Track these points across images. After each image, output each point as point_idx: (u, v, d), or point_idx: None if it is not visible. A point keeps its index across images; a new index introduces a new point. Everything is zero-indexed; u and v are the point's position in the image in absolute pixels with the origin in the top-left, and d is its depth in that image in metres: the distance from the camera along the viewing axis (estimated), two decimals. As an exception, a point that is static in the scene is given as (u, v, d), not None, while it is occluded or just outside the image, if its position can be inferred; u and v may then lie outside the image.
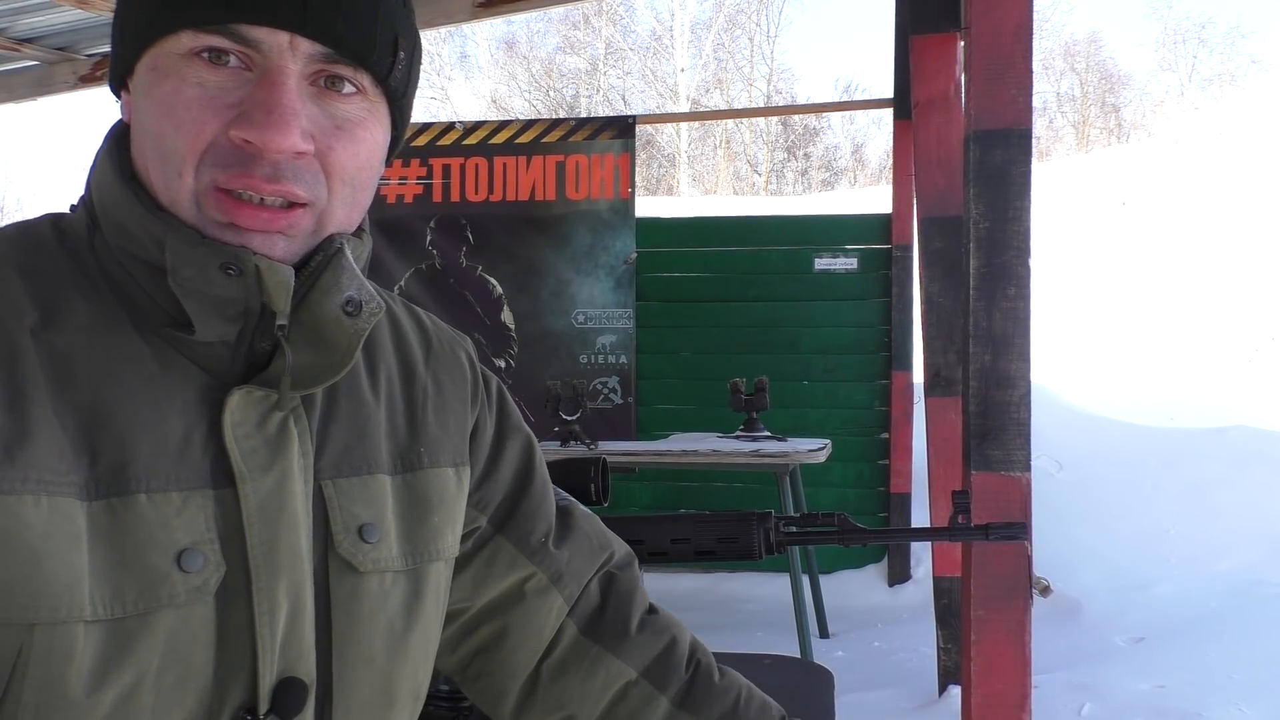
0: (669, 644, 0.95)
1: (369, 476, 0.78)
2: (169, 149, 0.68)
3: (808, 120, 25.83)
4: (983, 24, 2.24)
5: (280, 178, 0.68)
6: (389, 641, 0.78)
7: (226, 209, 0.68)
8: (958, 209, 3.42)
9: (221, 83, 0.68)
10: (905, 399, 5.04)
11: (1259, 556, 4.55)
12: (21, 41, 4.87)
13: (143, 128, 0.71)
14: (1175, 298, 11.04)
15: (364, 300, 0.73)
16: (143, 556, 0.66)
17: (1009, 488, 2.23)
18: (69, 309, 0.69)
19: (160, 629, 0.66)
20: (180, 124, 0.68)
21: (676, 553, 1.22)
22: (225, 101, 0.68)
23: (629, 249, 5.12)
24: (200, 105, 0.68)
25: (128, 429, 0.67)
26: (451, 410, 0.87)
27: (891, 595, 4.89)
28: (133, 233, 0.70)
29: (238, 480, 0.70)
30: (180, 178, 0.68)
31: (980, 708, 2.26)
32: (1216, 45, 28.12)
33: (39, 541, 0.63)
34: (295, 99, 0.68)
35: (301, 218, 0.71)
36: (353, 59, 0.71)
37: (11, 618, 0.62)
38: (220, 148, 0.68)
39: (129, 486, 0.66)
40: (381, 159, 0.77)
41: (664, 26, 24.98)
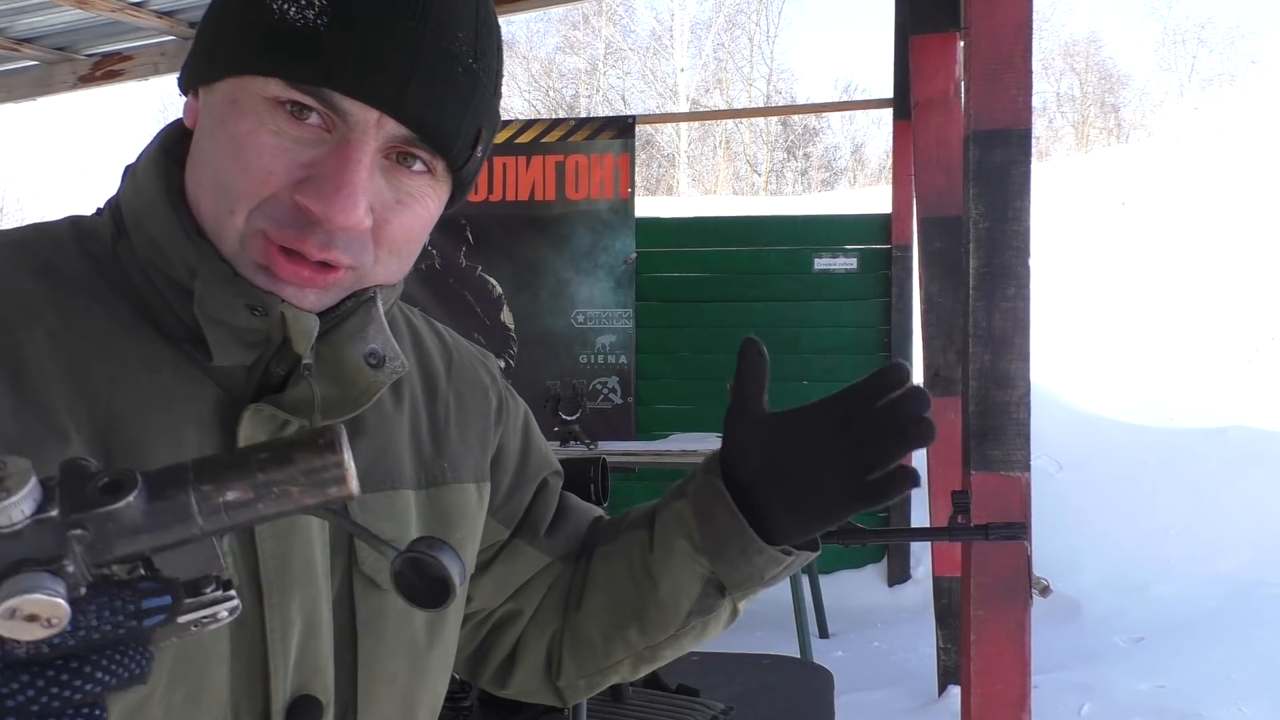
0: (576, 527, 0.95)
1: (393, 492, 0.78)
2: (229, 186, 0.66)
3: (807, 120, 25.84)
4: (982, 24, 2.24)
5: (332, 247, 0.67)
6: (411, 659, 0.78)
7: (269, 255, 0.67)
8: (957, 209, 3.41)
9: (299, 138, 0.66)
10: (905, 399, 5.03)
11: (1259, 556, 4.55)
12: (21, 41, 4.87)
13: (206, 154, 0.68)
14: (1175, 298, 11.04)
15: (388, 356, 0.72)
16: None
17: (1008, 488, 2.23)
18: (87, 313, 0.68)
19: (173, 648, 0.65)
20: (247, 168, 0.66)
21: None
22: (297, 159, 0.66)
23: (628, 249, 5.12)
24: (272, 155, 0.66)
25: (142, 437, 0.66)
26: (472, 425, 0.87)
27: (891, 595, 4.89)
28: (165, 251, 0.69)
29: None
30: (231, 215, 0.67)
31: (980, 708, 2.26)
32: (1216, 45, 28.14)
33: None
34: (367, 177, 0.66)
35: (341, 279, 0.69)
36: (435, 147, 0.69)
37: None
38: (280, 203, 0.66)
39: None
40: (430, 227, 0.75)
41: (664, 26, 25.01)
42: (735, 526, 0.79)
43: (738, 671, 1.61)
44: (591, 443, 4.01)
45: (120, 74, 5.10)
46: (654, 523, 0.87)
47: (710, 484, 0.81)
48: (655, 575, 0.85)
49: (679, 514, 0.83)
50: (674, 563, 0.83)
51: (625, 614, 0.88)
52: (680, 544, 0.83)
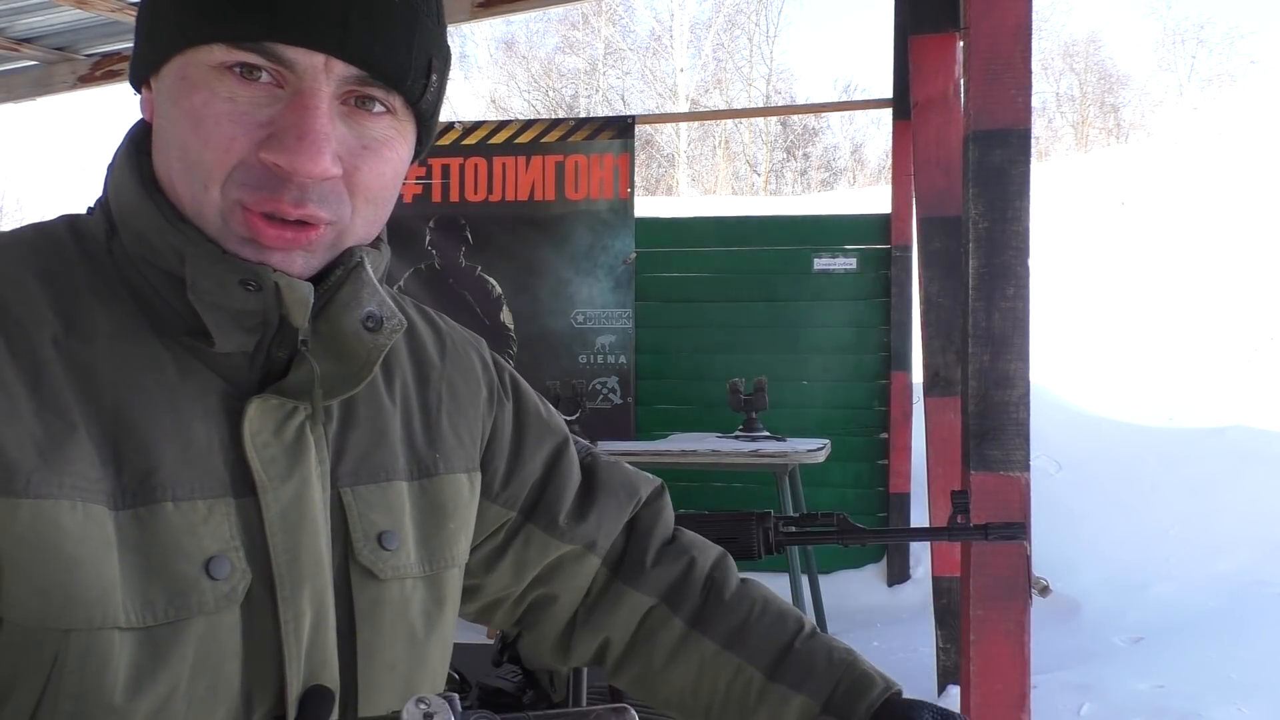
0: (685, 568, 0.97)
1: (387, 484, 0.78)
2: (195, 162, 0.67)
3: (807, 120, 25.84)
4: (982, 24, 2.24)
5: (306, 201, 0.67)
6: (410, 648, 0.79)
7: (252, 226, 0.67)
8: (957, 209, 3.41)
9: (253, 98, 0.67)
10: (904, 399, 5.04)
11: (1258, 556, 4.55)
12: (20, 41, 4.87)
13: (168, 136, 0.69)
14: (1174, 298, 11.05)
15: (385, 316, 0.73)
16: (171, 564, 0.66)
17: (1008, 487, 2.23)
18: (90, 317, 0.69)
19: (191, 637, 0.66)
20: (208, 139, 0.66)
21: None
22: (256, 119, 0.67)
23: (628, 249, 5.12)
24: (230, 121, 0.66)
25: (151, 436, 0.67)
26: (464, 415, 0.87)
27: (890, 595, 4.89)
28: (153, 243, 0.69)
29: (259, 489, 0.70)
30: (206, 191, 0.67)
31: (979, 707, 2.26)
32: (1215, 45, 28.16)
33: (74, 548, 0.62)
34: (327, 124, 0.67)
35: (323, 234, 0.70)
36: (387, 82, 0.69)
37: (47, 623, 0.62)
38: (248, 167, 0.67)
39: (155, 495, 0.66)
40: (403, 174, 0.77)
41: (663, 26, 25.01)
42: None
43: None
44: (591, 443, 4.01)
45: (120, 74, 5.10)
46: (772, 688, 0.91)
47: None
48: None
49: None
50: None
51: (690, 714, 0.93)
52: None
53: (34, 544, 0.62)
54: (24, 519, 0.61)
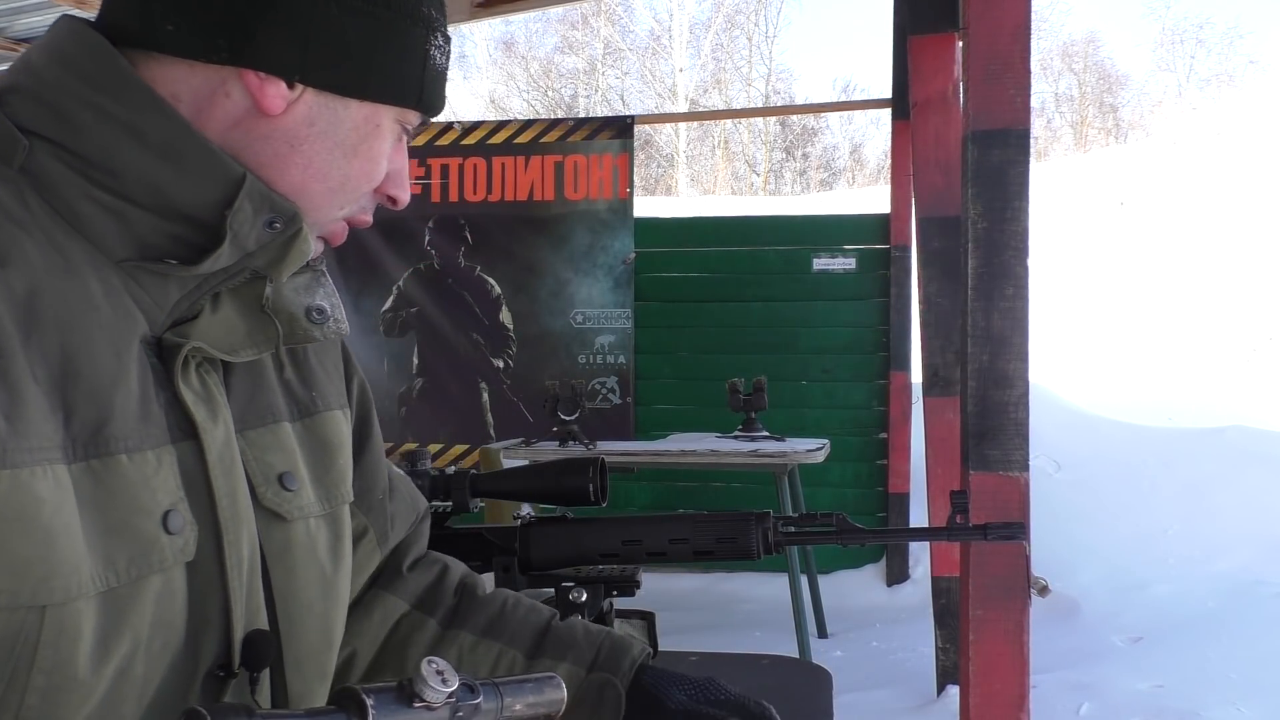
0: (439, 575, 0.98)
1: (275, 425, 0.79)
2: (353, 188, 0.77)
3: (806, 120, 25.83)
4: (981, 24, 2.24)
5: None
6: (323, 586, 0.79)
7: (337, 229, 0.79)
8: (956, 209, 3.41)
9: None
10: (903, 399, 5.04)
11: (1257, 556, 4.55)
12: (19, 41, 4.87)
13: (329, 158, 0.74)
14: (1174, 298, 11.05)
15: (334, 317, 0.79)
16: (132, 522, 0.64)
17: (1007, 487, 2.23)
18: (17, 247, 0.63)
19: (150, 595, 0.65)
20: (373, 180, 0.77)
21: (675, 553, 1.22)
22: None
23: (627, 249, 5.12)
24: (385, 166, 0.78)
25: (100, 383, 0.64)
26: (329, 354, 0.89)
27: (890, 595, 4.89)
28: (194, 168, 0.68)
29: (200, 431, 0.69)
30: (340, 209, 0.77)
31: (979, 707, 2.26)
32: (1214, 45, 28.11)
33: (51, 518, 0.59)
34: None
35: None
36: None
37: (22, 600, 0.59)
38: (369, 194, 0.79)
39: (110, 447, 0.63)
40: None
41: (662, 26, 25.00)
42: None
43: (736, 672, 1.60)
44: (590, 443, 4.00)
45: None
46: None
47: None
48: None
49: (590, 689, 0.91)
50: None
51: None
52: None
53: (12, 519, 0.58)
54: (2, 493, 0.57)
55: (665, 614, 1.59)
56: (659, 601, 0.97)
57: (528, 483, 1.26)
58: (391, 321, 5.35)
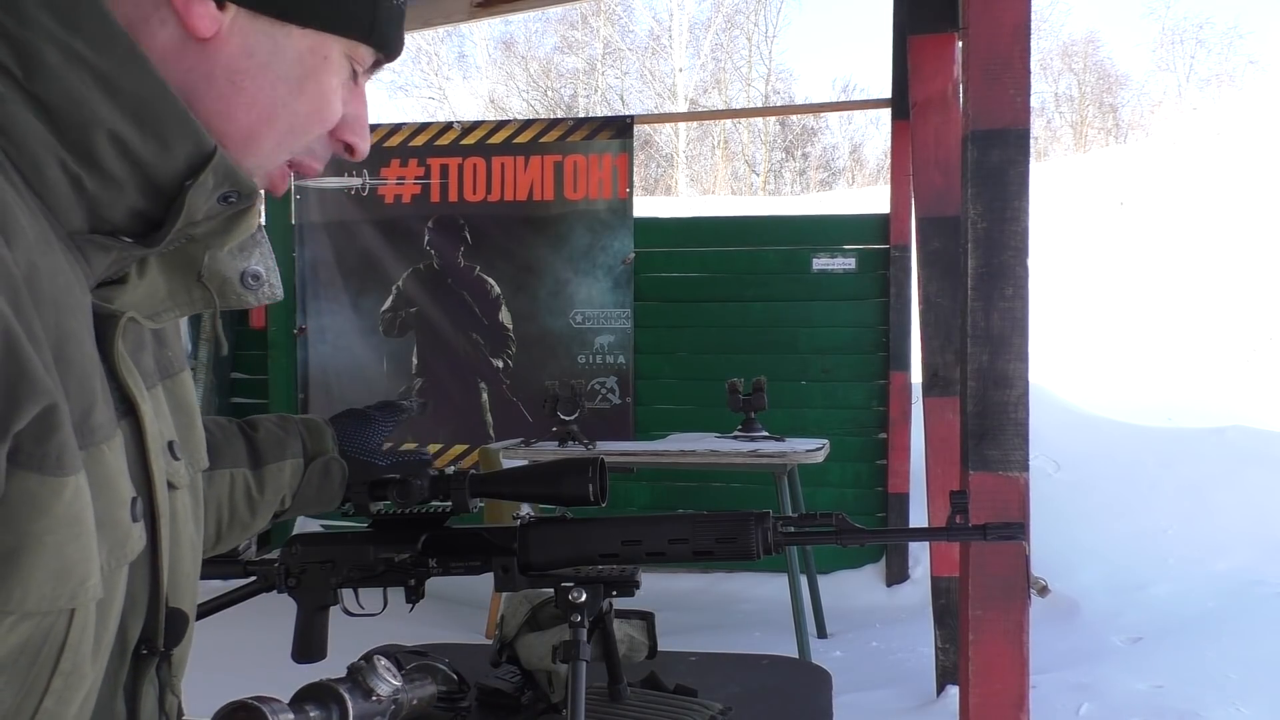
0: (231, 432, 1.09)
1: (181, 374, 0.77)
2: (299, 128, 0.72)
3: (806, 120, 25.83)
4: (981, 24, 2.24)
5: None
6: (194, 554, 0.77)
7: (277, 174, 0.74)
8: (956, 209, 3.41)
9: (346, 90, 0.75)
10: (903, 399, 5.04)
11: (1257, 556, 4.55)
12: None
13: (273, 92, 0.68)
14: (1173, 298, 11.05)
15: (269, 282, 0.76)
16: (114, 514, 0.62)
17: (1007, 487, 2.23)
18: (14, 219, 0.57)
19: (121, 585, 0.64)
20: (324, 120, 0.73)
21: (675, 553, 1.22)
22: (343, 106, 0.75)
23: (627, 249, 5.12)
24: (339, 105, 0.74)
25: (85, 368, 0.60)
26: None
27: (889, 595, 4.89)
28: (166, 133, 0.63)
29: (139, 407, 0.66)
30: (279, 147, 0.72)
31: (978, 708, 2.26)
32: (1214, 45, 28.12)
33: (92, 519, 0.58)
34: None
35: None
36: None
37: (60, 604, 0.57)
38: (320, 138, 0.75)
39: (95, 437, 0.60)
40: None
41: (662, 26, 24.99)
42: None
43: (736, 672, 1.60)
44: (590, 443, 4.00)
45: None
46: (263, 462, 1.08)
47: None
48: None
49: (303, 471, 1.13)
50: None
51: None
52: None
53: (67, 523, 0.56)
54: (66, 498, 0.56)
55: (665, 614, 1.59)
56: (658, 602, 0.97)
57: (527, 483, 1.26)
58: (391, 321, 5.34)
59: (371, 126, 4.11)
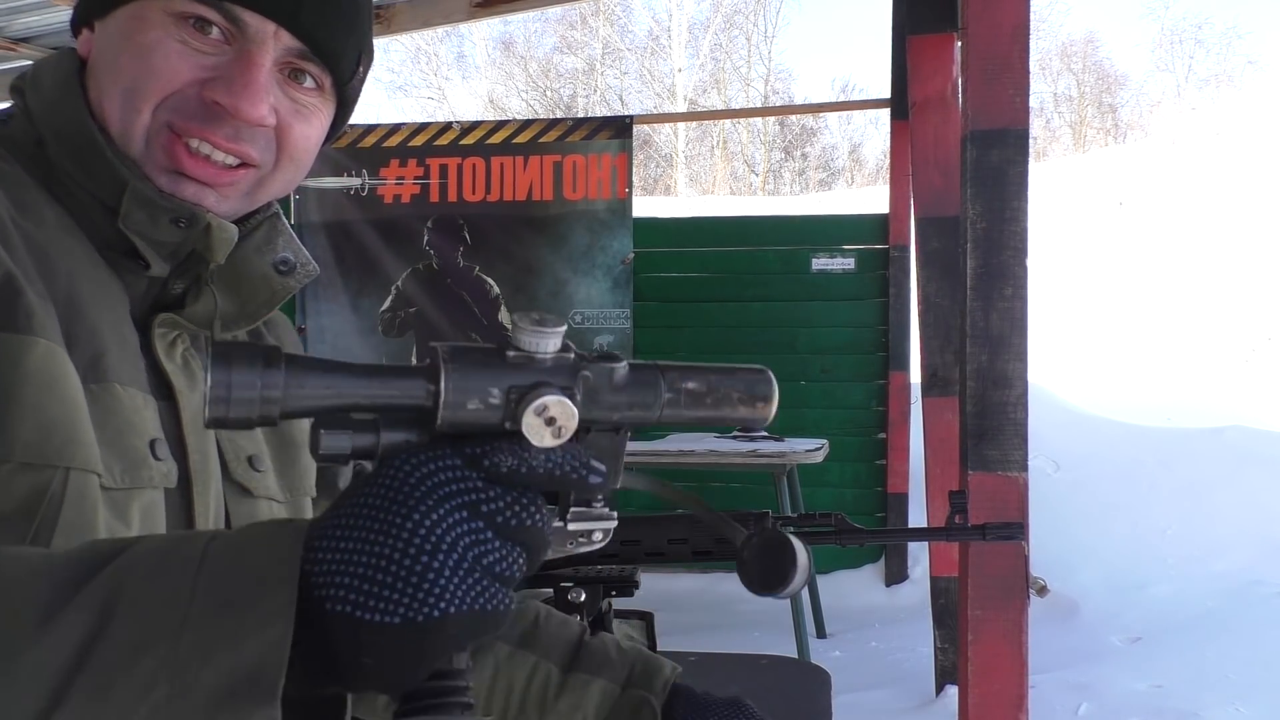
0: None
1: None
2: (135, 88, 0.73)
3: (805, 120, 25.84)
4: (980, 24, 2.24)
5: (240, 139, 0.75)
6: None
7: (177, 156, 0.74)
8: (955, 209, 3.41)
9: (202, 48, 0.73)
10: (902, 399, 5.04)
11: (1256, 556, 4.55)
12: (17, 41, 4.87)
13: (108, 65, 0.74)
14: (1172, 298, 11.05)
15: (300, 262, 0.82)
16: (125, 438, 0.71)
17: (1006, 488, 2.23)
18: (37, 206, 0.73)
19: (138, 508, 0.71)
20: (154, 69, 0.72)
21: (674, 553, 1.22)
22: (201, 63, 0.73)
23: (626, 249, 5.11)
24: (179, 57, 0.73)
25: (98, 324, 0.71)
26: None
27: (888, 595, 4.89)
28: (91, 169, 0.74)
29: (177, 393, 0.76)
30: (138, 114, 0.73)
31: (977, 707, 2.26)
32: (1213, 46, 28.17)
33: (74, 392, 0.67)
34: (268, 79, 0.75)
35: (244, 177, 0.77)
36: (325, 61, 0.78)
37: (48, 459, 0.65)
38: (184, 98, 0.73)
39: (107, 375, 0.71)
40: (318, 146, 0.84)
41: (661, 27, 25.01)
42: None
43: (735, 672, 1.60)
44: (589, 443, 4.00)
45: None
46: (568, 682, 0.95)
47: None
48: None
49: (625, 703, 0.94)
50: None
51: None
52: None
53: (43, 381, 0.65)
54: (37, 356, 0.65)
55: (664, 614, 1.59)
56: (657, 602, 0.97)
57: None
58: (390, 321, 5.34)
59: (370, 126, 4.13)
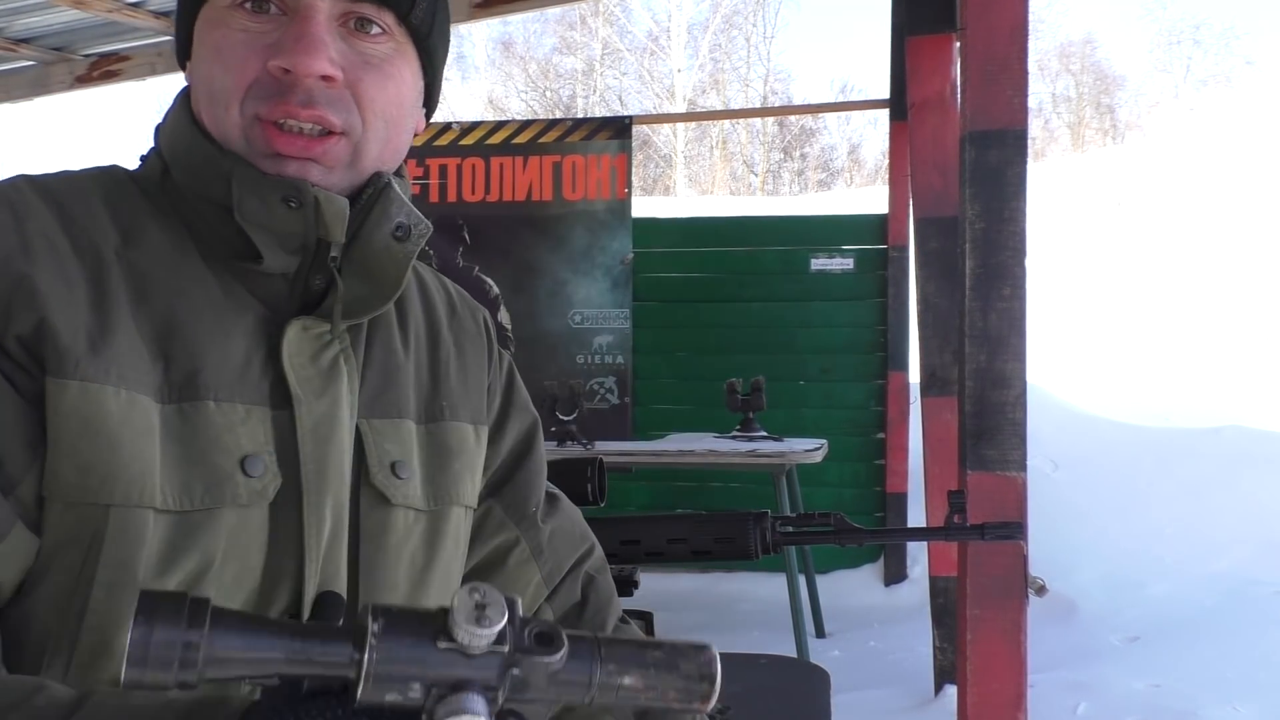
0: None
1: (399, 420, 0.84)
2: (218, 87, 0.76)
3: (804, 121, 25.85)
4: (978, 25, 2.25)
5: (314, 103, 0.75)
6: (410, 573, 0.83)
7: (270, 138, 0.75)
8: (953, 209, 3.42)
9: (262, 28, 0.75)
10: (901, 399, 5.04)
11: (1254, 556, 4.56)
12: (18, 42, 4.87)
13: (198, 74, 0.78)
14: (1170, 298, 11.06)
15: (412, 225, 0.80)
16: (210, 456, 0.72)
17: (1004, 487, 2.23)
18: (145, 234, 0.76)
19: (223, 525, 0.72)
20: (228, 65, 0.75)
21: (673, 553, 1.23)
22: (265, 42, 0.75)
23: (625, 249, 5.12)
24: (245, 46, 0.75)
25: (197, 342, 0.74)
26: (471, 372, 0.93)
27: (887, 595, 4.89)
28: (202, 173, 0.77)
29: (294, 401, 0.76)
30: (228, 111, 0.75)
31: (976, 707, 2.26)
32: (1211, 46, 28.16)
33: (116, 429, 0.69)
34: (323, 30, 0.75)
35: (336, 145, 0.77)
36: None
37: (88, 498, 0.68)
38: (262, 82, 0.75)
39: (199, 393, 0.73)
40: (414, 100, 0.83)
41: (660, 27, 25.00)
42: None
43: (734, 671, 1.61)
44: (588, 443, 4.01)
45: (117, 74, 5.10)
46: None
47: None
48: None
49: None
50: None
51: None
52: None
53: (79, 422, 0.68)
54: (71, 399, 0.68)
55: (663, 614, 1.59)
56: (657, 601, 0.97)
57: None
58: (390, 322, 5.35)
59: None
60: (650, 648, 0.51)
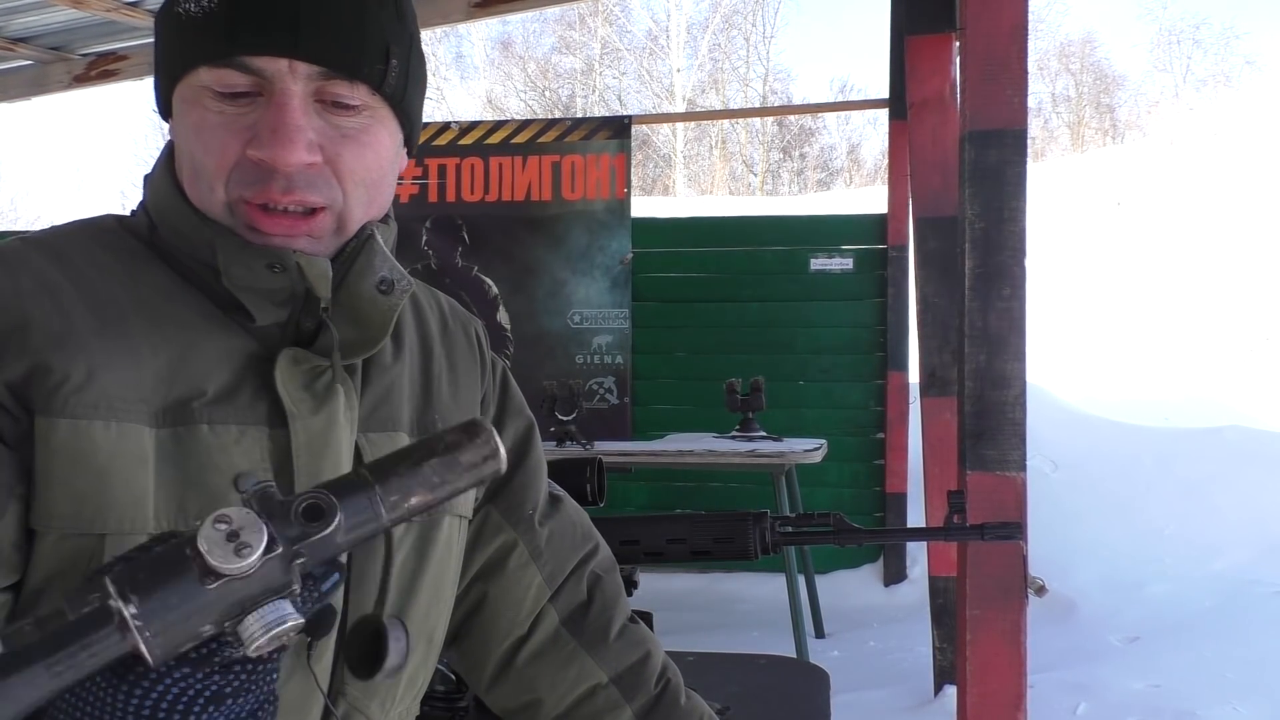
0: (643, 657, 0.99)
1: (393, 433, 0.86)
2: (201, 168, 0.77)
3: (803, 120, 25.84)
4: (978, 25, 2.24)
5: (294, 188, 0.76)
6: (399, 581, 0.85)
7: (254, 219, 0.77)
8: (953, 209, 3.41)
9: (239, 110, 0.76)
10: (901, 399, 5.04)
11: (1254, 556, 4.56)
12: (16, 41, 4.86)
13: (181, 150, 0.80)
14: (1170, 298, 11.07)
15: (395, 279, 0.82)
16: (204, 477, 0.74)
17: (1004, 487, 2.23)
18: (149, 273, 0.79)
19: None
20: (208, 148, 0.76)
21: (672, 553, 1.23)
22: (242, 125, 0.76)
23: (625, 249, 5.12)
24: (224, 130, 0.76)
25: (197, 372, 0.76)
26: (463, 386, 0.94)
27: (887, 595, 4.89)
28: (189, 238, 0.79)
29: (289, 418, 0.78)
30: (212, 192, 0.77)
31: (976, 707, 2.26)
32: (1211, 46, 28.13)
33: (106, 462, 0.71)
34: (299, 117, 0.75)
35: (321, 220, 0.78)
36: (346, 74, 0.77)
37: (82, 528, 0.70)
38: (243, 167, 0.76)
39: (193, 418, 0.75)
40: (392, 158, 0.84)
41: (660, 27, 25.00)
42: None
43: (734, 671, 1.61)
44: (588, 443, 4.00)
45: (115, 74, 5.09)
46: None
47: None
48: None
49: None
50: None
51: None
52: None
53: (69, 457, 0.70)
54: (60, 435, 0.70)
55: (663, 614, 1.59)
56: (656, 602, 0.97)
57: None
58: (389, 322, 5.34)
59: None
60: (423, 455, 0.53)
